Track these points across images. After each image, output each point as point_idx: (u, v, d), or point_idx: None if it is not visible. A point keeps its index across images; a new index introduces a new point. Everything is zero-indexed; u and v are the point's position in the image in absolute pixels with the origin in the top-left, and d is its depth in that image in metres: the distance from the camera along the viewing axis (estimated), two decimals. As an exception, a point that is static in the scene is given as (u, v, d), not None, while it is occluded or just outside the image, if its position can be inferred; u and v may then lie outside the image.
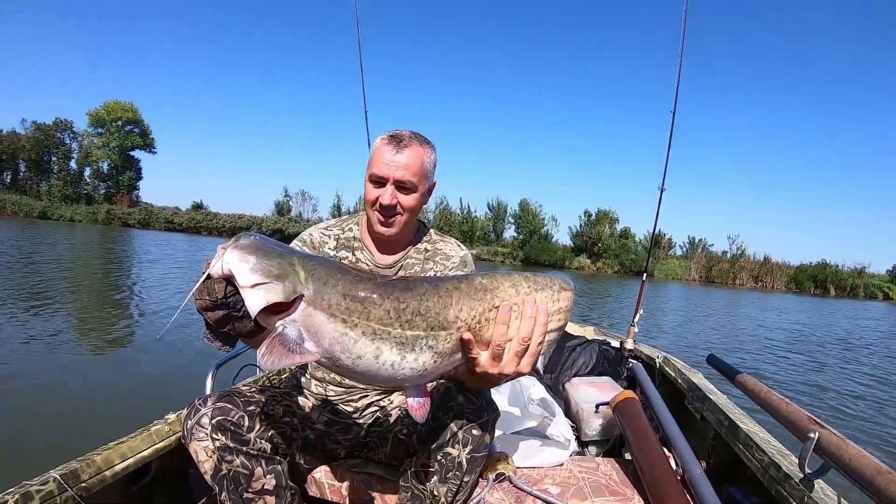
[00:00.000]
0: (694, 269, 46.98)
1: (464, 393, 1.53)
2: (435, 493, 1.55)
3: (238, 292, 1.07)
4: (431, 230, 1.95)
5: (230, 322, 1.13)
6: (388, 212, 1.70)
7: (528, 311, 1.18)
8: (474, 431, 1.53)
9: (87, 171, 54.36)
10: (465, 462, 1.53)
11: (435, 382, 1.65)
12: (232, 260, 1.06)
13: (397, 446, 1.73)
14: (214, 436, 1.40)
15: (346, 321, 1.08)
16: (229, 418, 1.43)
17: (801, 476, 1.55)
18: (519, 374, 1.22)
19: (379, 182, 1.68)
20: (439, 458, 1.54)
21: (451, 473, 1.54)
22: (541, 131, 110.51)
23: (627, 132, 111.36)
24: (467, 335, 1.15)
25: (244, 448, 1.44)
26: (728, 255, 50.75)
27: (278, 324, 1.07)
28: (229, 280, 1.08)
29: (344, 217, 1.95)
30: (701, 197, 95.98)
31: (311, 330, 1.07)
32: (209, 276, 1.09)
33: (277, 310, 1.07)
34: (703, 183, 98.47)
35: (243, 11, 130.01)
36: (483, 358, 1.18)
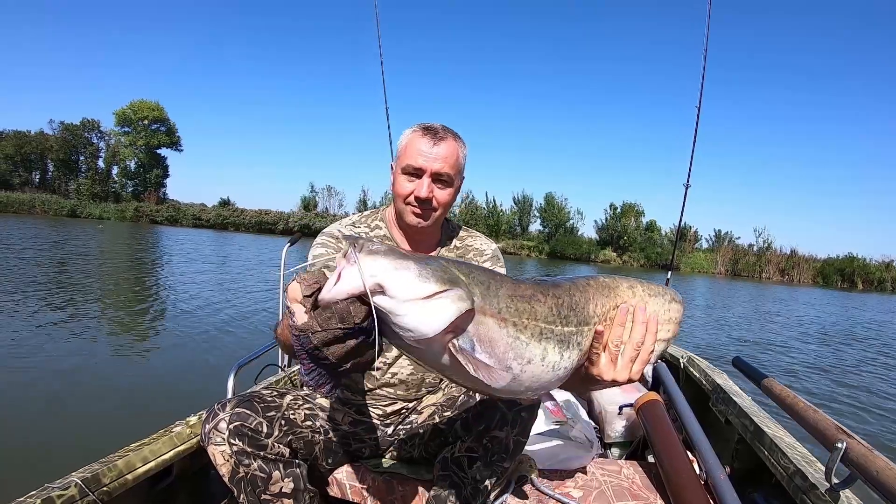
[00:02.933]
0: (720, 263, 46.32)
1: None
2: (478, 477, 1.55)
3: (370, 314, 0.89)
4: (456, 225, 1.93)
5: (357, 355, 0.94)
6: (423, 205, 1.65)
7: (639, 317, 1.13)
8: (523, 414, 1.54)
9: (115, 170, 55.31)
10: (511, 444, 1.54)
11: None
12: (385, 269, 0.88)
13: (434, 437, 1.73)
14: (231, 440, 1.39)
15: (517, 324, 0.99)
16: (247, 424, 1.42)
17: (828, 486, 1.52)
18: (630, 381, 1.16)
19: (415, 174, 1.63)
20: (485, 441, 1.54)
21: (496, 457, 1.54)
22: (566, 124, 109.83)
23: (653, 124, 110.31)
24: (600, 327, 1.10)
25: (261, 453, 1.43)
26: (754, 248, 50.03)
27: (454, 340, 0.93)
28: (359, 299, 0.89)
29: (365, 213, 1.89)
30: (728, 189, 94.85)
31: (484, 340, 0.95)
32: (317, 299, 0.89)
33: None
34: (729, 175, 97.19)
35: (268, 8, 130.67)
36: (602, 360, 1.12)
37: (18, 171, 53.63)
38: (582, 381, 1.17)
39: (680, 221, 3.83)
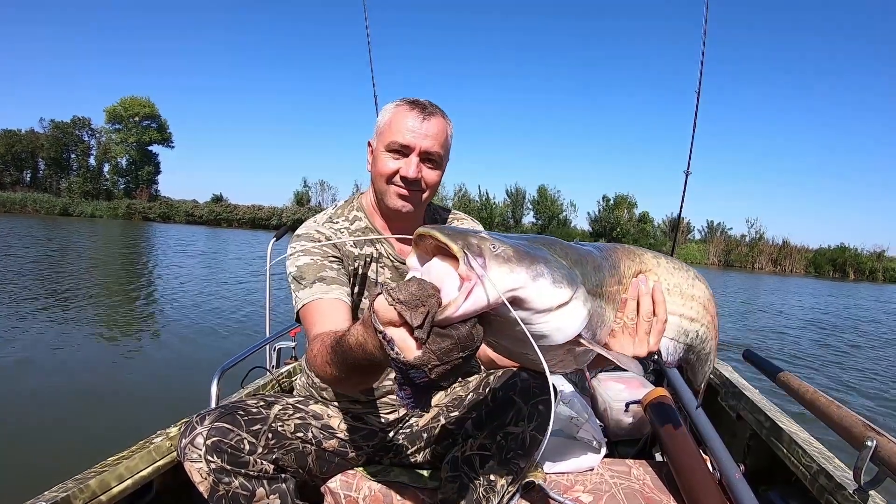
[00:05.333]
0: (713, 253, 46.58)
1: (525, 370, 1.49)
2: (492, 477, 1.45)
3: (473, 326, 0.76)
4: (439, 208, 1.82)
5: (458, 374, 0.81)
6: (411, 186, 1.52)
7: (644, 289, 1.12)
8: (540, 407, 1.47)
9: (107, 167, 55.33)
10: (528, 440, 1.46)
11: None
12: (524, 281, 0.78)
13: (441, 439, 1.63)
14: (209, 457, 1.27)
15: (598, 293, 1.00)
16: (226, 440, 1.30)
17: (856, 486, 1.44)
18: (650, 353, 1.15)
19: (401, 152, 1.50)
20: (499, 438, 1.46)
21: (511, 454, 1.46)
22: (558, 117, 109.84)
23: (645, 116, 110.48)
24: (624, 295, 1.11)
25: (242, 470, 1.31)
26: (747, 238, 50.28)
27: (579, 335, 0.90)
28: (480, 315, 0.77)
29: (339, 205, 1.72)
30: (720, 180, 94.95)
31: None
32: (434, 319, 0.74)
33: None
34: (722, 166, 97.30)
35: (258, 3, 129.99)
36: (622, 333, 1.11)
37: (9, 170, 53.50)
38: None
39: (681, 209, 3.80)
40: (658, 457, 2.28)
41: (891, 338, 12.24)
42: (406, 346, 0.74)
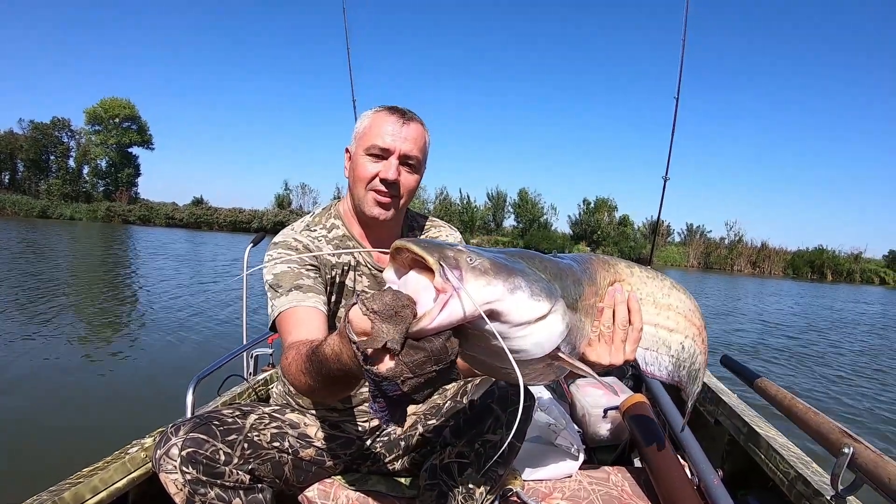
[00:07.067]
0: (692, 256, 47.04)
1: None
2: (470, 485, 1.46)
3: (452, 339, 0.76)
4: (417, 215, 1.81)
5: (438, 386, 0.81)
6: (390, 189, 1.51)
7: (619, 297, 1.10)
8: (519, 415, 1.46)
9: (86, 169, 54.42)
10: (506, 448, 1.48)
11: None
12: (500, 294, 0.77)
13: (419, 447, 1.63)
14: (184, 468, 1.26)
15: (578, 307, 0.98)
16: (202, 451, 1.29)
17: (833, 493, 1.45)
18: (626, 362, 1.13)
19: (380, 155, 1.50)
20: (477, 446, 1.47)
21: (490, 462, 1.47)
22: (539, 120, 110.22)
23: (626, 119, 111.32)
24: (600, 304, 1.08)
25: (218, 481, 1.30)
26: (726, 241, 50.79)
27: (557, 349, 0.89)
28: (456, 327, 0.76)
29: (316, 213, 1.70)
30: (699, 183, 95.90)
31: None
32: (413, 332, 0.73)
33: None
34: (701, 169, 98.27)
35: (239, 4, 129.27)
36: (598, 342, 1.09)
37: (-13, 171, 52.53)
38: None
39: (659, 213, 3.84)
40: (636, 463, 2.29)
41: (867, 340, 12.40)
42: (381, 358, 0.75)
